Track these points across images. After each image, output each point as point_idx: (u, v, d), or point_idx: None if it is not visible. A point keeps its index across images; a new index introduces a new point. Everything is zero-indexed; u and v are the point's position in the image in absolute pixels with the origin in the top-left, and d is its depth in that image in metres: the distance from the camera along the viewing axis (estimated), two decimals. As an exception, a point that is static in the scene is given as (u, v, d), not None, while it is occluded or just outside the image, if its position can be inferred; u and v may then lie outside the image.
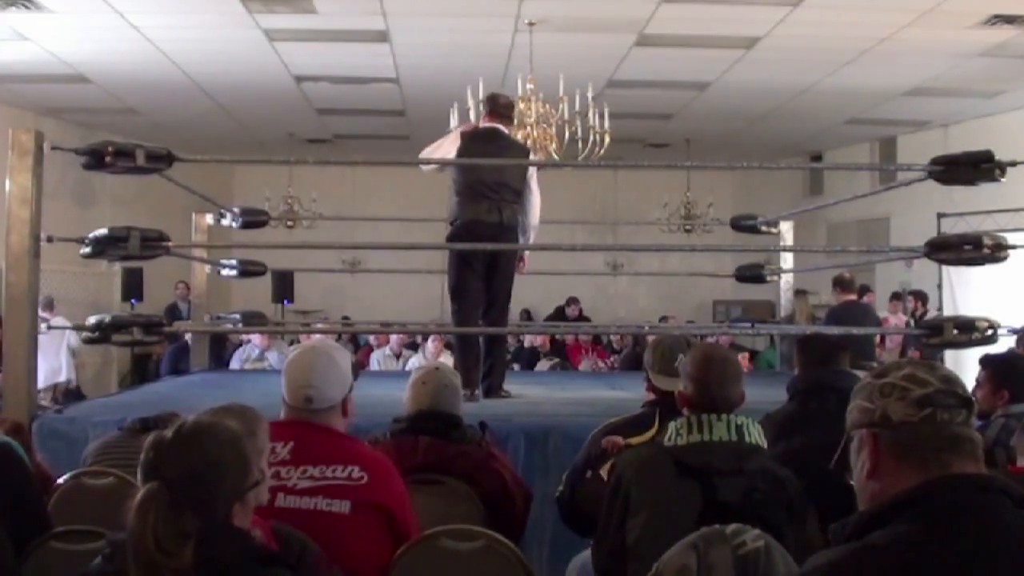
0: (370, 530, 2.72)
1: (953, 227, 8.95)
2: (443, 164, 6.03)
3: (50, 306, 10.56)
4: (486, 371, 5.80)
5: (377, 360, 10.43)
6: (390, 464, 2.91)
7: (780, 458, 3.37)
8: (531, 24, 8.41)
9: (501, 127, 5.92)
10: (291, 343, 8.72)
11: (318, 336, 7.78)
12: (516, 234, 5.80)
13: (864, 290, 9.11)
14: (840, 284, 8.62)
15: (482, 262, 5.75)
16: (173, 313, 11.67)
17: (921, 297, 10.99)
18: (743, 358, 10.56)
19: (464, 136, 5.92)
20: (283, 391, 2.89)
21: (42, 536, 2.98)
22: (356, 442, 2.92)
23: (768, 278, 7.96)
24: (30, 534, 2.96)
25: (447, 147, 5.92)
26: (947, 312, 9.84)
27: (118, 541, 2.02)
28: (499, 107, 5.96)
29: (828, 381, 3.62)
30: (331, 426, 2.84)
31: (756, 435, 2.76)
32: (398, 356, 10.40)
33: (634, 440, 3.23)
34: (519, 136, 8.15)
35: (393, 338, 10.57)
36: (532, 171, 5.94)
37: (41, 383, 10.78)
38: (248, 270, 7.61)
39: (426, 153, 6.14)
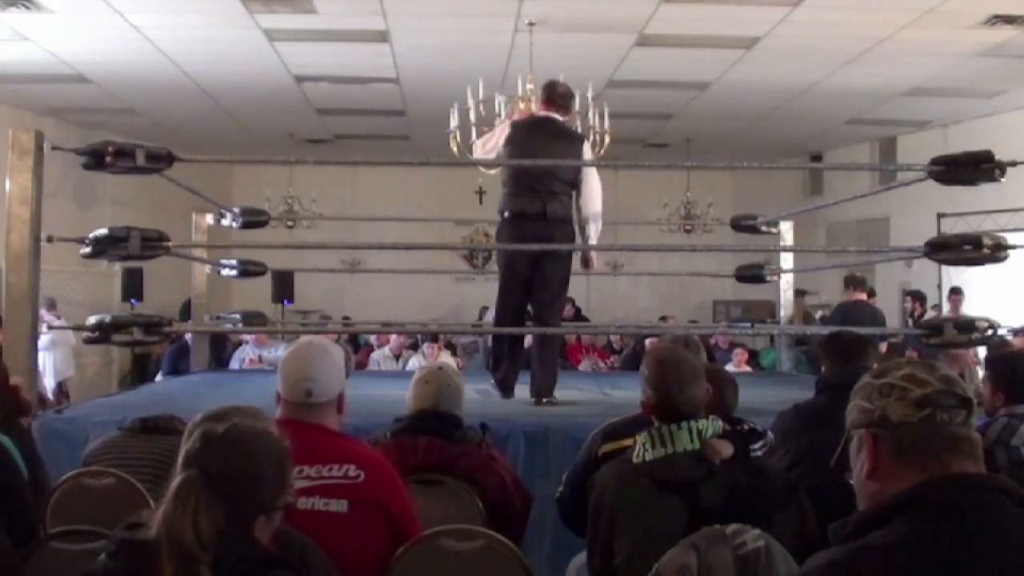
0: (369, 528, 2.71)
1: (953, 227, 8.97)
2: (485, 164, 5.94)
3: (52, 306, 10.59)
4: (532, 375, 5.67)
5: (377, 360, 10.43)
6: (386, 461, 2.90)
7: (807, 448, 3.43)
8: (531, 24, 8.41)
9: (556, 115, 5.73)
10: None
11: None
12: (567, 226, 5.61)
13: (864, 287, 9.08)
14: (853, 283, 8.63)
15: (526, 260, 5.58)
16: (189, 312, 11.68)
17: (920, 297, 10.99)
18: (741, 355, 10.56)
19: (514, 125, 5.79)
20: (280, 387, 2.86)
21: (33, 537, 2.98)
22: (351, 440, 2.91)
23: (768, 278, 7.96)
24: (23, 534, 2.96)
25: (497, 138, 5.77)
26: (947, 312, 9.87)
27: (125, 539, 2.01)
28: (556, 96, 5.77)
29: (857, 376, 3.64)
30: (326, 424, 2.82)
31: (712, 434, 2.76)
32: (398, 357, 10.40)
33: (633, 441, 3.22)
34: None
35: (393, 338, 10.58)
36: (588, 158, 5.81)
37: (54, 380, 10.91)
38: (248, 270, 7.61)
39: (478, 145, 6.05)
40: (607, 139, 8.78)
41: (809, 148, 14.64)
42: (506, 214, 5.63)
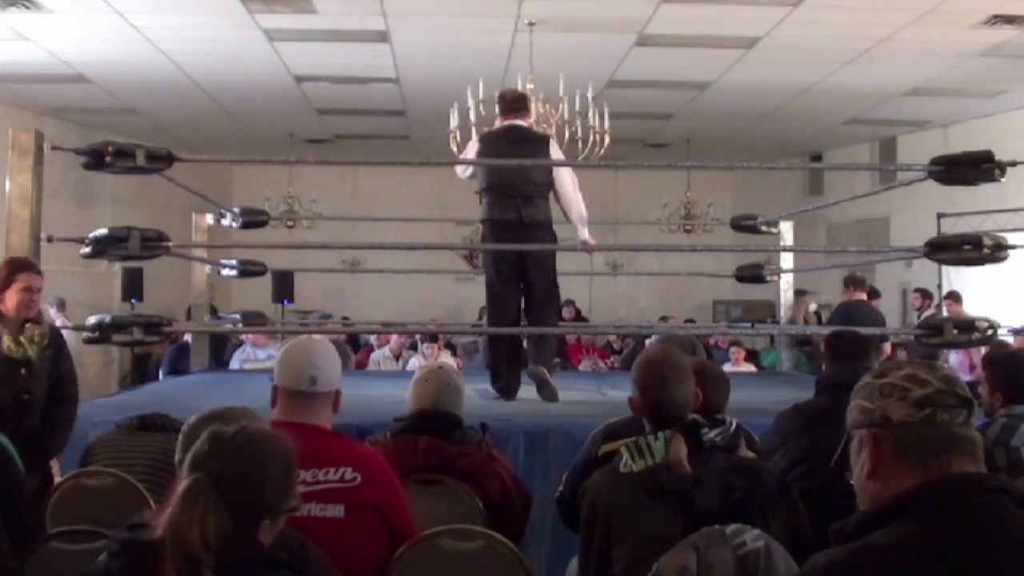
0: (366, 532, 2.68)
1: (953, 227, 8.96)
2: (462, 164, 6.12)
3: (62, 306, 10.60)
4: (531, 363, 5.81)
5: (377, 360, 10.42)
6: (383, 461, 2.87)
7: (808, 449, 3.42)
8: (531, 24, 8.41)
9: (518, 122, 5.88)
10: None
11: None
12: (544, 230, 5.73)
13: (872, 291, 9.04)
14: (852, 282, 8.61)
15: (509, 262, 5.72)
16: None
17: (927, 295, 10.97)
18: (738, 353, 10.56)
19: (482, 139, 5.98)
20: (279, 379, 2.82)
21: (34, 538, 2.97)
22: (347, 440, 2.88)
23: (768, 278, 7.97)
24: (23, 536, 2.96)
25: (469, 152, 5.98)
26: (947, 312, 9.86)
27: (127, 539, 2.01)
28: (508, 103, 5.94)
29: (858, 377, 3.63)
30: (322, 422, 2.79)
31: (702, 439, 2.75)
32: (398, 357, 10.39)
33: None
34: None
35: (393, 338, 10.57)
36: (556, 155, 5.89)
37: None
38: (248, 270, 7.61)
39: (459, 165, 6.29)
40: (607, 139, 8.78)
41: (809, 148, 14.64)
42: (486, 222, 5.77)
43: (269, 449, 2.05)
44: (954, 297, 10.27)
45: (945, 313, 9.87)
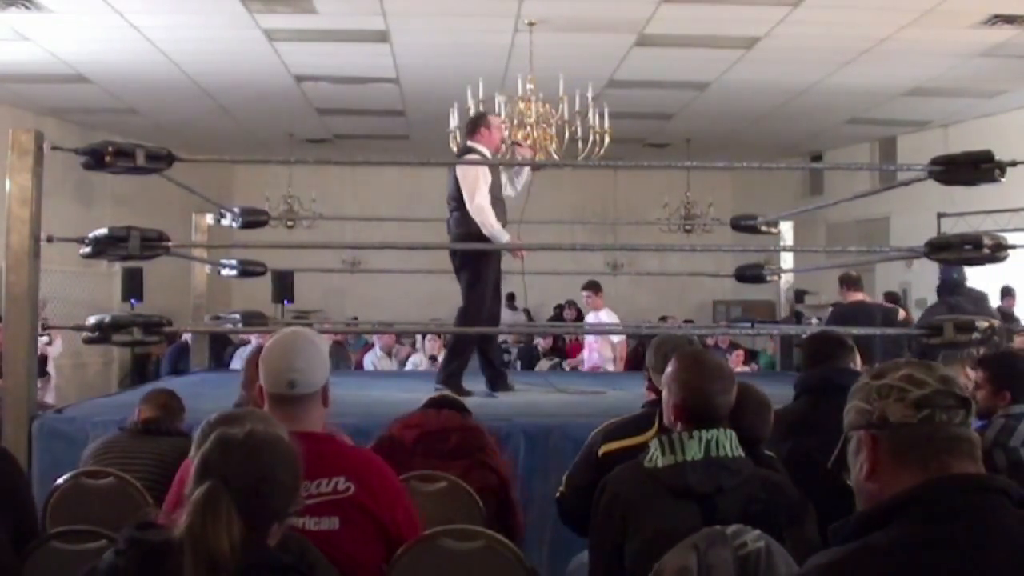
0: (361, 542, 2.62)
1: (953, 227, 8.96)
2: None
3: (42, 306, 10.57)
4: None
5: (371, 362, 10.41)
6: (379, 464, 2.80)
7: (789, 456, 3.39)
8: (531, 24, 8.41)
9: (470, 143, 6.23)
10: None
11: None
12: (463, 239, 6.03)
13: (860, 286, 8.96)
14: (847, 282, 8.56)
15: (455, 271, 6.18)
16: None
17: (895, 299, 10.95)
18: (737, 356, 10.56)
19: None
20: (262, 379, 2.74)
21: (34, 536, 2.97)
22: (339, 445, 2.80)
23: (768, 278, 7.96)
24: (24, 535, 2.96)
25: None
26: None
27: (135, 538, 2.00)
28: (467, 127, 6.37)
29: (837, 379, 3.62)
30: (312, 424, 2.70)
31: (728, 447, 2.72)
32: (389, 353, 10.40)
33: (634, 441, 3.22)
34: (519, 136, 8.19)
35: (383, 337, 10.58)
36: (464, 174, 5.92)
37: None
38: (248, 270, 7.61)
39: None
40: (607, 139, 8.78)
41: (809, 148, 14.65)
42: None
43: (278, 454, 2.06)
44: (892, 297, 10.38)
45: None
